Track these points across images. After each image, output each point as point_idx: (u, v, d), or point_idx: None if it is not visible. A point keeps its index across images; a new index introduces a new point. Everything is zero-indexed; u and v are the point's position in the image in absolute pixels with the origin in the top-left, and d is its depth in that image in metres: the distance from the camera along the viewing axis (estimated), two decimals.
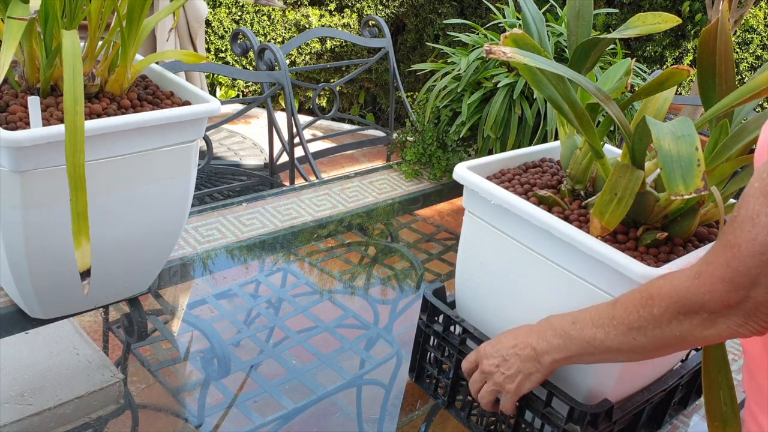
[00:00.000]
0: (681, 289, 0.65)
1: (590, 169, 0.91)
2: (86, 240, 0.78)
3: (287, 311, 1.22)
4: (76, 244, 0.78)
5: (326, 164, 3.50)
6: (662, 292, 0.67)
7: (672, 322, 0.67)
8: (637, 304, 0.70)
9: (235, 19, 4.18)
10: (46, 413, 0.91)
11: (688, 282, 0.65)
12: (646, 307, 0.69)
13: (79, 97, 0.79)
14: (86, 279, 0.78)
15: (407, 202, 1.66)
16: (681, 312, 0.66)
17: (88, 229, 0.78)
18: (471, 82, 1.73)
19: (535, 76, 0.86)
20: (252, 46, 1.96)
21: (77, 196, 0.78)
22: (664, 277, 0.69)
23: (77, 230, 0.78)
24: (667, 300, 0.67)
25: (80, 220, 0.78)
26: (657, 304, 0.68)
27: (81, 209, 0.78)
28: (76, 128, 0.78)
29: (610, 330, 0.72)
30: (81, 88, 0.80)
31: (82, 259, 0.78)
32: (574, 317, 0.78)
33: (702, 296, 0.63)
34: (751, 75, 3.61)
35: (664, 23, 0.88)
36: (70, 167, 0.78)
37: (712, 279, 0.62)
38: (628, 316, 0.71)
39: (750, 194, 0.60)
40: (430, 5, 3.95)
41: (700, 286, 0.63)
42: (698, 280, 0.64)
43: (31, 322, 1.06)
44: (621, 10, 3.62)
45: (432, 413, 1.02)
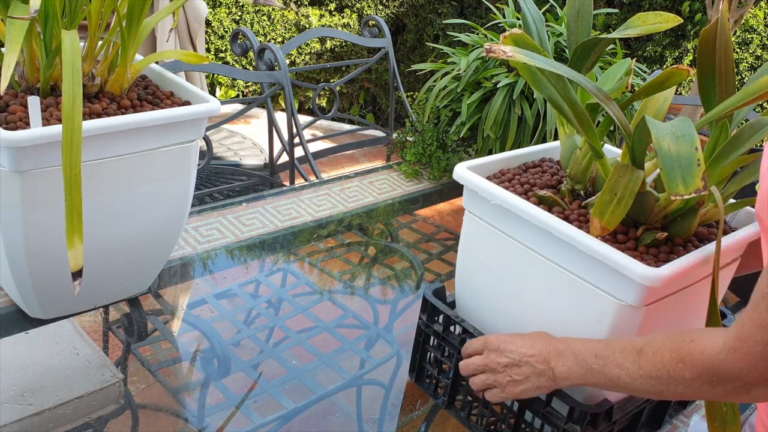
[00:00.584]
0: (715, 362, 0.66)
1: (590, 169, 0.91)
2: (79, 240, 0.78)
3: (287, 311, 1.22)
4: (69, 244, 0.77)
5: (326, 164, 3.50)
6: (694, 359, 0.68)
7: (704, 386, 0.68)
8: (666, 364, 0.70)
9: (235, 19, 4.18)
10: (46, 413, 0.91)
11: (722, 355, 0.65)
12: (677, 370, 0.69)
13: (77, 95, 0.79)
14: (78, 279, 0.78)
15: (407, 202, 1.66)
16: (714, 380, 0.67)
17: (82, 228, 0.78)
18: (471, 82, 1.73)
19: (535, 75, 0.86)
20: (252, 46, 1.96)
21: (72, 195, 0.77)
22: (694, 340, 0.69)
23: (71, 229, 0.77)
24: (700, 368, 0.67)
25: (74, 219, 0.77)
26: (689, 369, 0.68)
27: (75, 208, 0.77)
28: (73, 126, 0.77)
29: (636, 378, 0.73)
30: (80, 87, 0.80)
31: (74, 259, 0.78)
32: (596, 350, 0.77)
33: (740, 370, 0.64)
34: (751, 75, 3.61)
35: (665, 23, 0.88)
36: (66, 166, 0.77)
37: (750, 356, 0.63)
38: (657, 371, 0.71)
39: None
40: (430, 5, 3.95)
41: (737, 361, 0.64)
42: (734, 355, 0.64)
43: (31, 322, 1.06)
44: (621, 10, 3.62)
45: (432, 413, 1.02)
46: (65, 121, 0.78)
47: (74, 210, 0.77)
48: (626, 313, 0.78)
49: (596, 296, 0.80)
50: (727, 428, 0.78)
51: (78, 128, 0.78)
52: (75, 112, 0.78)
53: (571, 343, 0.80)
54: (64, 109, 0.78)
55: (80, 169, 0.78)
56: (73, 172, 0.77)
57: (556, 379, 0.80)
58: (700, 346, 0.68)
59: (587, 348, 0.78)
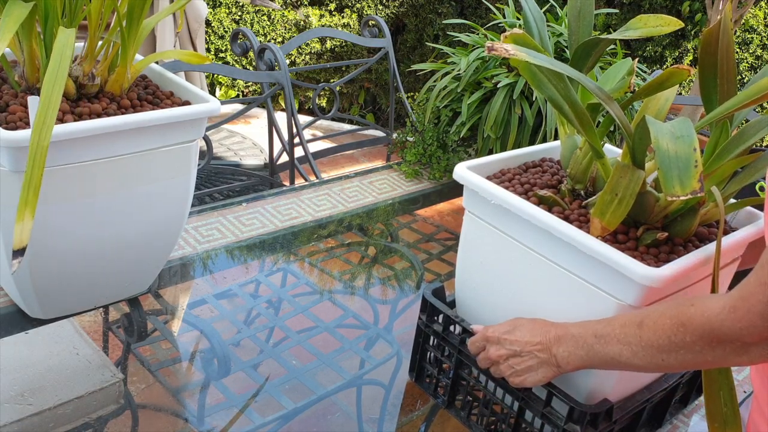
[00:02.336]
0: (715, 322, 0.66)
1: (590, 169, 0.91)
2: (30, 215, 0.73)
3: (287, 311, 1.22)
4: (18, 217, 0.73)
5: (326, 164, 3.50)
6: (695, 322, 0.68)
7: (704, 349, 0.68)
8: (667, 329, 0.70)
9: (235, 19, 4.18)
10: (46, 413, 0.91)
11: (723, 315, 0.65)
12: (678, 334, 0.69)
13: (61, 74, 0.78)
14: (18, 258, 0.73)
15: (407, 202, 1.66)
16: (714, 341, 0.67)
17: (36, 204, 0.74)
18: (471, 82, 1.72)
19: (536, 75, 0.86)
20: (252, 46, 1.96)
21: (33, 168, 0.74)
22: (694, 305, 0.69)
23: (24, 202, 0.73)
24: (701, 330, 0.67)
25: (30, 192, 0.73)
26: (690, 332, 0.68)
27: (34, 182, 0.74)
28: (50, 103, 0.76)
29: (638, 350, 0.73)
30: (64, 73, 0.78)
31: (20, 235, 0.72)
32: (596, 330, 0.77)
33: (739, 330, 0.64)
34: (751, 75, 3.60)
35: (666, 26, 0.88)
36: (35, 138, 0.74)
37: (750, 314, 0.63)
38: (658, 339, 0.71)
39: None
40: (430, 5, 3.95)
41: (736, 321, 0.64)
42: (734, 315, 0.64)
43: (31, 322, 1.06)
44: (621, 10, 3.62)
45: (432, 413, 1.02)
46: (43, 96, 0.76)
47: (32, 183, 0.74)
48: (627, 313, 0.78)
49: (596, 296, 0.80)
50: (728, 429, 0.78)
51: (54, 104, 0.76)
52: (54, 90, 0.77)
53: (570, 327, 0.81)
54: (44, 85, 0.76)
55: (48, 143, 0.75)
56: (40, 144, 0.75)
57: (560, 365, 0.81)
58: (700, 309, 0.68)
59: (586, 329, 0.79)
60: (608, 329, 0.76)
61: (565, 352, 0.80)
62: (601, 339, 0.76)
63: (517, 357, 0.84)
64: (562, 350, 0.80)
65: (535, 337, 0.83)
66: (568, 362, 0.80)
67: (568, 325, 0.81)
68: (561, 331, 0.81)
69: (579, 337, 0.79)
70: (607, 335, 0.76)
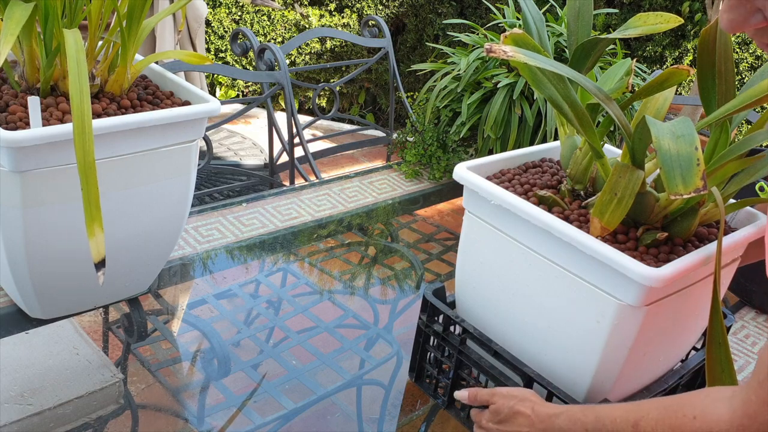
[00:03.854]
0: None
1: (590, 169, 0.91)
2: (100, 229, 0.76)
3: (287, 311, 1.22)
4: (89, 233, 0.76)
5: (326, 164, 3.50)
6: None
7: None
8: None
9: (235, 19, 4.18)
10: (46, 413, 0.91)
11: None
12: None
13: (84, 89, 0.78)
14: (101, 269, 0.77)
15: (407, 202, 1.66)
16: None
17: (101, 217, 0.76)
18: (471, 82, 1.73)
19: (535, 75, 0.86)
20: (252, 46, 1.96)
21: (88, 185, 0.76)
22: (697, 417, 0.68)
23: (90, 219, 0.76)
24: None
25: (92, 208, 0.76)
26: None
27: (93, 198, 0.76)
28: (83, 119, 0.77)
29: None
30: (86, 79, 0.79)
31: (96, 249, 0.76)
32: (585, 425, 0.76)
33: None
34: (751, 75, 3.60)
35: (665, 23, 0.88)
36: (80, 155, 0.76)
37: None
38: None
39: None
40: (430, 5, 3.95)
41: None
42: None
43: (31, 322, 1.06)
44: (621, 10, 3.62)
45: (432, 413, 1.02)
46: (75, 115, 0.77)
47: (91, 199, 0.76)
48: (626, 313, 0.79)
49: (596, 296, 0.80)
50: None
51: (88, 118, 0.78)
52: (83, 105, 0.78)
53: (555, 420, 0.79)
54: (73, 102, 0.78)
55: (94, 158, 0.77)
56: (86, 160, 0.76)
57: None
58: (707, 424, 0.67)
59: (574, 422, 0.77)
60: (598, 425, 0.75)
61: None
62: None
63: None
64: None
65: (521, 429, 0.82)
66: None
67: (552, 415, 0.80)
68: (545, 423, 0.80)
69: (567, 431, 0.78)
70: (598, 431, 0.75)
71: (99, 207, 0.77)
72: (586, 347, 0.83)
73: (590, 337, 0.82)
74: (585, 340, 0.83)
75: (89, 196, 0.76)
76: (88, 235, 0.76)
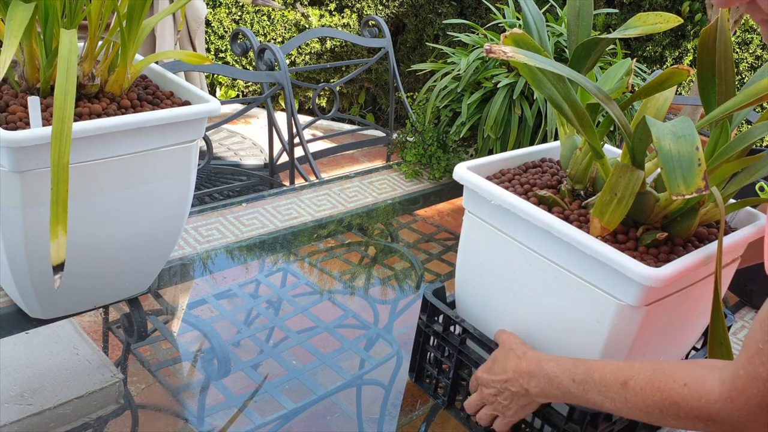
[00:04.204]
0: (713, 409, 0.66)
1: (590, 169, 0.91)
2: (63, 231, 0.75)
3: (287, 311, 1.22)
4: (52, 235, 0.74)
5: (326, 164, 3.50)
6: (690, 404, 0.68)
7: (698, 424, 0.68)
8: (658, 402, 0.70)
9: (235, 19, 4.18)
10: (46, 413, 0.91)
11: (720, 404, 0.66)
12: (671, 410, 0.69)
13: (70, 90, 0.78)
14: (58, 273, 0.75)
15: (407, 202, 1.66)
16: (710, 421, 0.67)
17: (66, 220, 0.75)
18: (471, 82, 1.72)
19: (535, 75, 0.86)
20: (252, 46, 1.96)
21: (59, 185, 0.75)
22: (687, 386, 0.69)
23: (55, 220, 0.75)
24: (696, 411, 0.68)
25: (59, 209, 0.75)
26: (684, 411, 0.68)
27: (61, 199, 0.75)
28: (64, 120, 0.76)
29: (622, 407, 0.73)
30: (73, 82, 0.78)
31: (56, 251, 0.74)
32: (574, 375, 0.77)
33: (738, 418, 0.65)
34: (751, 75, 3.60)
35: (665, 23, 0.88)
36: (55, 155, 0.75)
37: (748, 406, 0.64)
38: (647, 407, 0.71)
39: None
40: (430, 5, 3.95)
41: (734, 410, 0.65)
42: (732, 405, 0.65)
43: (31, 322, 1.06)
44: (621, 10, 3.62)
45: (432, 413, 1.02)
46: (56, 112, 0.77)
47: (60, 200, 0.75)
48: (626, 313, 0.79)
49: (596, 296, 0.80)
50: None
51: (69, 119, 0.77)
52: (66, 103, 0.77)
53: (544, 364, 0.81)
54: (56, 99, 0.77)
55: (68, 159, 0.76)
56: (61, 162, 0.76)
57: (534, 397, 0.82)
58: (696, 393, 0.68)
59: (563, 371, 0.78)
60: (587, 377, 0.76)
61: (537, 388, 0.81)
62: (581, 385, 0.76)
63: (500, 394, 0.86)
64: (533, 385, 0.81)
65: (507, 372, 0.84)
66: (542, 396, 0.81)
67: (542, 360, 0.81)
68: (533, 365, 0.81)
69: (554, 377, 0.79)
70: (586, 383, 0.76)
71: (66, 209, 0.76)
72: (586, 347, 0.83)
73: (590, 337, 0.82)
74: (585, 340, 0.83)
75: (58, 198, 0.75)
76: (50, 237, 0.75)
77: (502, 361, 0.86)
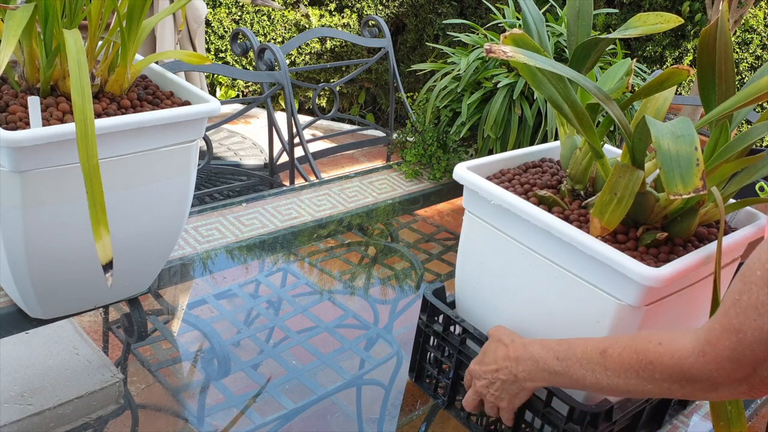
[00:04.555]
0: (685, 364, 0.67)
1: (590, 169, 0.91)
2: (106, 231, 0.76)
3: (287, 311, 1.22)
4: (96, 236, 0.76)
5: (326, 164, 3.50)
6: (664, 362, 0.68)
7: (673, 386, 0.69)
8: (634, 364, 0.70)
9: (235, 19, 4.18)
10: (46, 413, 0.91)
11: (693, 359, 0.66)
12: (646, 371, 0.70)
13: (86, 92, 0.79)
14: (109, 271, 0.76)
15: (407, 202, 1.66)
16: (684, 380, 0.67)
17: (107, 219, 0.76)
18: (471, 82, 1.72)
19: (535, 76, 0.86)
20: (252, 46, 1.96)
21: (93, 187, 0.76)
22: (662, 344, 0.69)
23: (96, 221, 0.76)
24: (670, 371, 0.68)
25: (98, 211, 0.76)
26: (659, 371, 0.69)
27: (98, 200, 0.76)
28: (85, 119, 0.77)
29: (602, 377, 0.73)
30: (87, 81, 0.79)
31: (103, 251, 0.76)
32: (557, 353, 0.78)
33: (709, 372, 0.65)
34: (751, 75, 3.60)
35: (665, 23, 0.88)
36: (83, 158, 0.76)
37: (719, 359, 0.64)
38: (625, 372, 0.71)
39: (752, 281, 0.61)
40: (430, 5, 3.95)
41: (706, 364, 0.65)
42: (703, 359, 0.65)
43: (31, 322, 1.06)
44: (621, 10, 3.62)
45: (432, 413, 1.02)
46: (77, 115, 0.77)
47: (96, 202, 0.76)
48: (626, 313, 0.79)
49: (596, 296, 0.80)
50: (732, 428, 0.78)
51: (90, 121, 0.77)
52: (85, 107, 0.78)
53: (529, 347, 0.81)
54: (75, 105, 0.78)
55: (98, 160, 0.77)
56: (90, 163, 0.76)
57: (522, 383, 0.82)
58: (669, 350, 0.68)
59: (547, 351, 0.79)
60: (569, 353, 0.77)
61: (525, 372, 0.81)
62: (563, 362, 0.77)
63: (492, 385, 0.86)
64: (521, 369, 0.81)
65: (497, 362, 0.85)
66: (530, 380, 0.81)
67: (528, 343, 0.82)
68: (520, 350, 0.82)
69: (540, 358, 0.79)
70: (569, 359, 0.76)
71: (104, 210, 0.77)
72: None
73: None
74: None
75: (94, 199, 0.76)
76: (95, 238, 0.76)
77: (492, 352, 0.87)
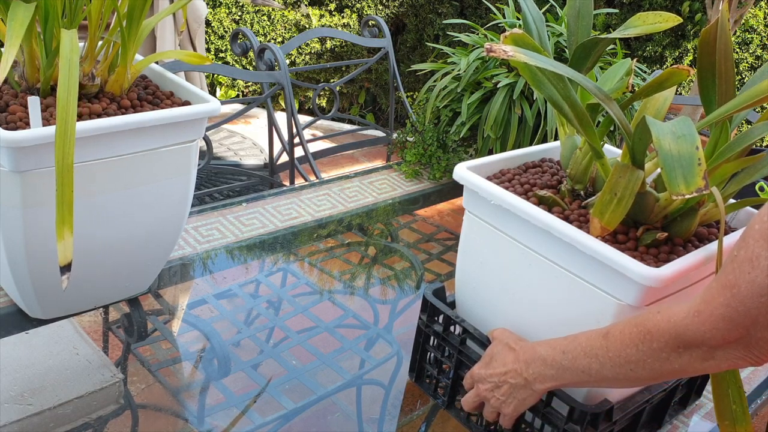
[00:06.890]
0: (681, 326, 0.66)
1: (590, 169, 0.91)
2: (69, 232, 0.75)
3: (287, 311, 1.22)
4: (58, 236, 0.75)
5: (326, 164, 3.50)
6: (661, 327, 0.68)
7: (671, 355, 0.68)
8: (634, 338, 0.71)
9: (235, 19, 4.18)
10: (46, 413, 0.91)
11: (688, 320, 0.66)
12: (645, 342, 0.70)
13: (72, 91, 0.78)
14: (66, 273, 0.75)
15: (407, 202, 1.66)
16: (681, 346, 0.67)
17: (72, 221, 0.75)
18: (471, 82, 1.72)
19: (535, 75, 0.86)
20: (252, 46, 1.96)
21: (63, 187, 0.75)
22: (660, 312, 0.70)
23: (61, 221, 0.75)
24: (667, 336, 0.68)
25: (65, 211, 0.75)
26: (656, 339, 0.69)
27: (66, 200, 0.75)
28: (67, 121, 0.76)
29: (606, 362, 0.73)
30: (76, 80, 0.78)
31: (63, 252, 0.75)
32: (563, 347, 0.78)
33: (703, 333, 0.65)
34: (751, 75, 3.60)
35: (664, 22, 0.88)
36: (59, 156, 0.75)
37: (713, 318, 0.63)
38: (625, 349, 0.71)
39: (750, 236, 0.61)
40: (430, 5, 3.95)
41: (700, 324, 0.65)
42: (698, 318, 0.65)
43: (31, 322, 1.06)
44: (621, 10, 3.62)
45: (432, 413, 1.02)
46: (59, 111, 0.76)
47: (65, 202, 0.75)
48: (626, 313, 0.78)
49: (596, 296, 0.80)
50: (737, 426, 0.78)
51: (72, 119, 0.77)
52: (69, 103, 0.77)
53: (537, 348, 0.82)
54: (59, 100, 0.77)
55: (72, 160, 0.76)
56: (65, 162, 0.75)
57: (531, 385, 0.82)
58: (666, 316, 0.68)
59: (553, 348, 0.79)
60: (573, 343, 0.77)
61: (534, 374, 0.81)
62: (569, 354, 0.77)
63: (498, 388, 0.86)
64: (531, 371, 0.81)
65: (506, 365, 0.84)
66: (540, 381, 0.81)
67: (536, 346, 0.82)
68: (529, 353, 0.82)
69: (548, 356, 0.79)
70: (574, 350, 0.76)
71: (72, 211, 0.75)
72: None
73: None
74: None
75: (63, 199, 0.75)
76: (57, 238, 0.75)
77: (500, 356, 0.86)
